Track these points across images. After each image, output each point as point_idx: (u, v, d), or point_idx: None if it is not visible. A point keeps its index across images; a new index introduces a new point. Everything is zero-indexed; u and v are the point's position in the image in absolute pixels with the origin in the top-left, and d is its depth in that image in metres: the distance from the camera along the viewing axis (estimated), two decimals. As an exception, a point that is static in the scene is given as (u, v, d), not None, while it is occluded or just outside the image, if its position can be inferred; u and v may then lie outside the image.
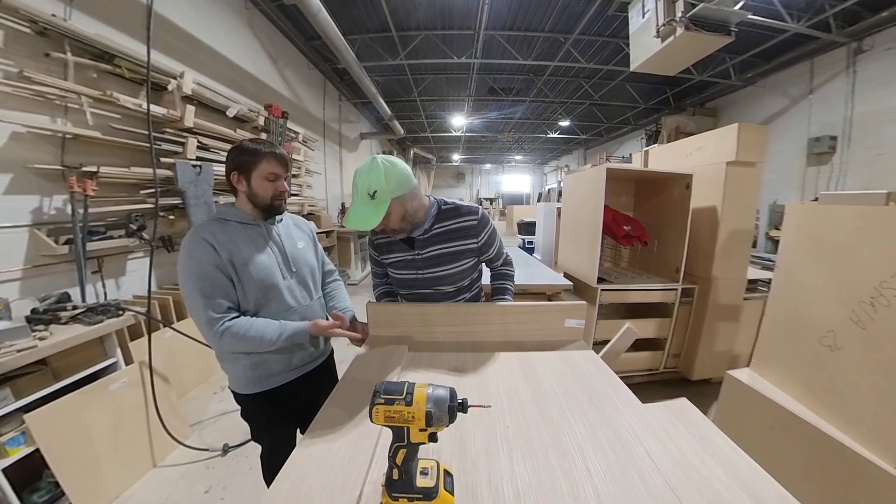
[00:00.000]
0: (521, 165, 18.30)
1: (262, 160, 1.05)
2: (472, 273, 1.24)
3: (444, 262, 1.16)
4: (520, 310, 1.17)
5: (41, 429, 1.45)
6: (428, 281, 1.18)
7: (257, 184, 1.06)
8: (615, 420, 0.76)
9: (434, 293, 1.21)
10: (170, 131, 2.72)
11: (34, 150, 1.98)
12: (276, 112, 4.14)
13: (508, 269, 1.34)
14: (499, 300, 1.28)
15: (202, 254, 0.98)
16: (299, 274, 1.17)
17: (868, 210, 1.17)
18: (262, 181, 1.06)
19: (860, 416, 1.15)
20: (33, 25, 1.91)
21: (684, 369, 2.66)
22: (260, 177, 1.05)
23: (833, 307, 1.26)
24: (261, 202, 1.08)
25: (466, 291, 1.25)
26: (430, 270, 1.17)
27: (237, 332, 0.99)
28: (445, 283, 1.19)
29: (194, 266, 0.97)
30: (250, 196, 1.07)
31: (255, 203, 1.08)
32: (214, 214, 1.08)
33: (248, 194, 1.07)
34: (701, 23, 2.88)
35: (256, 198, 1.07)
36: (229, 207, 1.10)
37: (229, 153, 1.06)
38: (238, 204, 1.10)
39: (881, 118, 4.37)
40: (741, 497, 0.57)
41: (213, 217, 1.07)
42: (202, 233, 1.00)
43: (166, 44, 2.95)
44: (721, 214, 2.36)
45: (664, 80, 6.59)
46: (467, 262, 1.18)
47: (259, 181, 1.06)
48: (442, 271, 1.17)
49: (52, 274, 2.07)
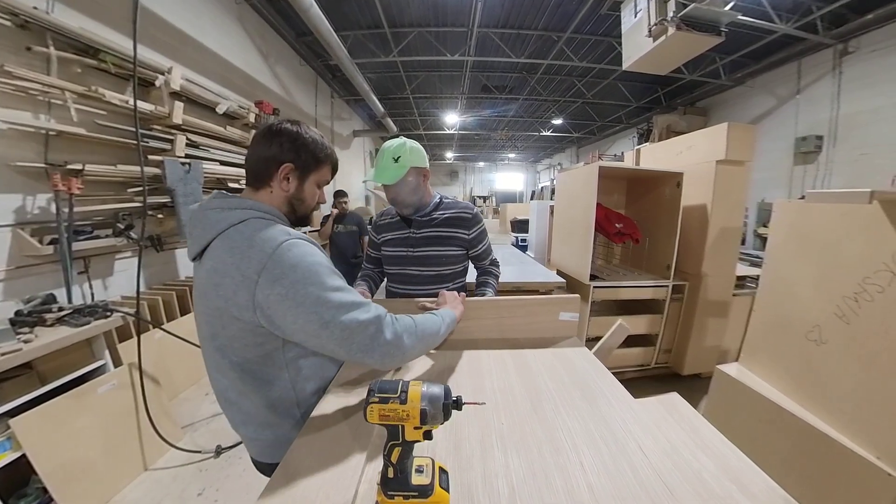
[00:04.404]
0: (514, 163, 18.34)
1: (326, 165, 0.86)
2: (458, 264, 1.34)
3: (434, 244, 1.29)
4: (514, 304, 1.18)
5: (27, 434, 1.42)
6: (417, 259, 1.30)
7: (310, 189, 0.85)
8: (608, 415, 0.77)
9: (419, 274, 1.31)
10: (158, 128, 2.66)
11: (16, 148, 1.92)
12: (267, 109, 4.08)
13: (494, 269, 1.43)
14: (480, 291, 1.34)
15: (315, 250, 0.73)
16: None
17: (852, 208, 1.20)
18: (314, 187, 0.86)
19: (844, 407, 1.19)
20: (14, 18, 1.86)
21: (675, 365, 2.70)
22: (315, 181, 0.86)
23: (819, 303, 1.30)
24: (303, 210, 0.87)
25: (449, 282, 1.34)
26: (421, 249, 1.29)
27: (409, 326, 0.77)
28: (432, 263, 1.30)
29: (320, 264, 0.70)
30: (294, 200, 0.83)
31: (296, 209, 0.86)
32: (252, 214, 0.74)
33: (293, 197, 0.83)
34: (692, 23, 2.91)
35: (302, 204, 0.85)
36: (265, 205, 0.79)
37: (279, 136, 0.79)
38: (266, 200, 0.81)
39: (865, 118, 4.48)
40: (730, 488, 0.58)
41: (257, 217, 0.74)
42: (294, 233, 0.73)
43: (153, 38, 2.88)
44: (711, 212, 2.40)
45: (656, 80, 6.65)
46: (456, 250, 1.31)
47: (312, 186, 0.86)
48: (431, 251, 1.29)
49: (36, 275, 2.02)
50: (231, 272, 0.67)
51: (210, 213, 0.74)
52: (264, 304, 0.66)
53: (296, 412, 0.81)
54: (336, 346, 0.68)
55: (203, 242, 0.73)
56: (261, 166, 0.80)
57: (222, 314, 0.70)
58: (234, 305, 0.68)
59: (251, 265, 0.65)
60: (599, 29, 5.15)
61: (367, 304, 0.73)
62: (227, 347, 0.73)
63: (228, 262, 0.67)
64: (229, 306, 0.68)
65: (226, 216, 0.72)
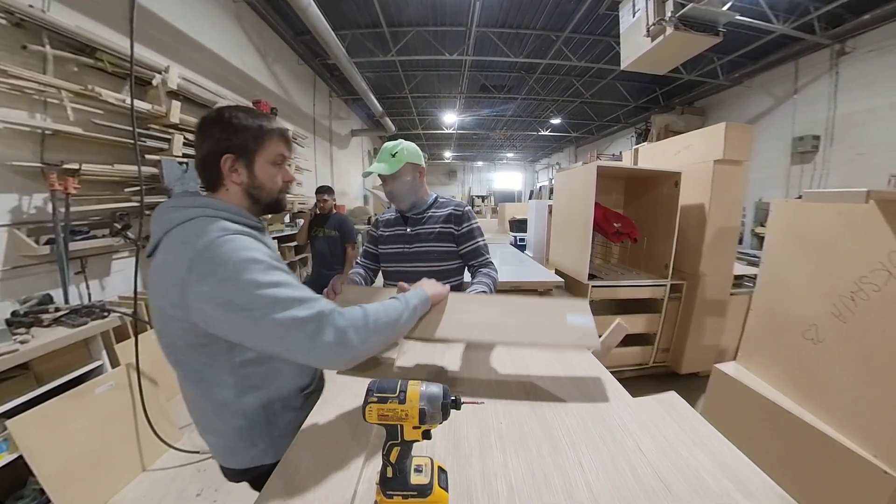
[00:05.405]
0: (512, 163, 18.33)
1: (270, 138, 0.76)
2: (451, 261, 1.37)
3: (428, 240, 1.35)
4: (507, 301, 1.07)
5: (24, 435, 1.41)
6: (412, 255, 1.36)
7: (263, 171, 0.76)
8: (606, 414, 0.78)
9: (414, 271, 1.34)
10: (155, 127, 2.65)
11: (12, 147, 1.91)
12: (265, 108, 4.07)
13: (490, 271, 1.36)
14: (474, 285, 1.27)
15: (252, 244, 0.67)
16: None
17: (849, 207, 1.20)
18: (269, 167, 0.77)
19: (840, 406, 1.20)
20: (9, 17, 1.84)
21: (673, 364, 2.71)
22: (266, 161, 0.76)
23: (815, 302, 1.30)
24: (267, 196, 0.79)
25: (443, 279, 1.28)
26: (416, 245, 1.36)
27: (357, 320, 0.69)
28: (426, 259, 1.35)
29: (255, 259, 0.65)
30: (251, 189, 0.77)
31: (258, 198, 0.78)
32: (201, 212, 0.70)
33: (249, 186, 0.76)
34: (690, 23, 2.92)
35: (262, 191, 0.77)
36: (220, 202, 0.74)
37: (208, 129, 0.74)
38: (226, 199, 0.76)
39: (862, 118, 4.50)
40: (728, 486, 0.59)
41: (206, 215, 0.70)
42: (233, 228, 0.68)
43: (150, 37, 2.87)
44: (709, 212, 2.41)
45: (654, 79, 6.66)
46: (448, 246, 1.36)
47: (265, 167, 0.77)
48: (424, 247, 1.35)
49: (32, 275, 2.01)
50: (166, 270, 0.65)
51: (165, 212, 0.71)
52: (194, 302, 0.63)
53: (239, 422, 0.76)
54: (273, 345, 0.64)
55: (155, 241, 0.71)
56: (204, 168, 0.76)
57: (163, 313, 0.68)
58: (169, 304, 0.66)
59: (182, 263, 0.63)
60: (598, 28, 5.15)
61: (311, 300, 0.67)
62: (173, 346, 0.72)
63: (165, 260, 0.66)
64: (166, 305, 0.66)
65: (177, 215, 0.70)
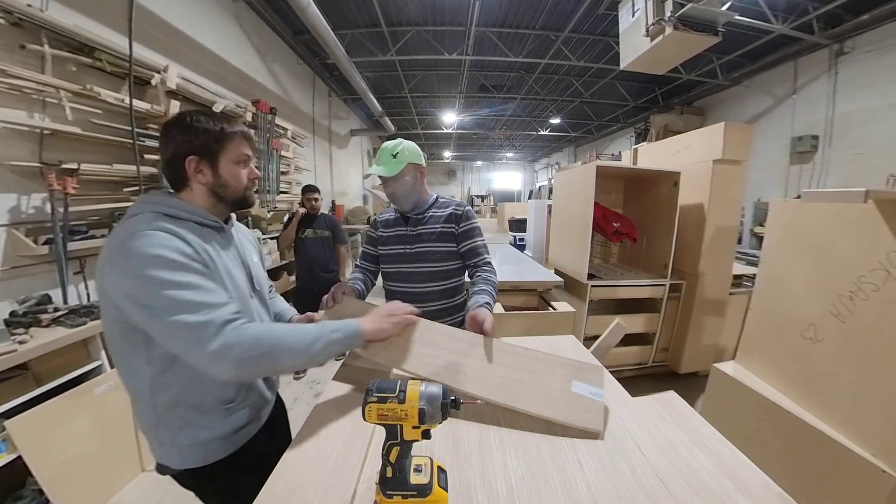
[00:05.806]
0: (512, 163, 18.33)
1: (232, 139, 0.80)
2: (453, 261, 1.35)
3: (429, 240, 1.33)
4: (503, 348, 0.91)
5: (23, 435, 1.41)
6: (414, 256, 1.34)
7: (228, 171, 0.80)
8: (605, 413, 0.78)
9: (415, 271, 1.34)
10: (154, 127, 2.64)
11: (10, 147, 1.90)
12: (264, 108, 4.06)
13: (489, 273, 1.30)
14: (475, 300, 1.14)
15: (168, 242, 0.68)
16: (261, 294, 0.95)
17: (848, 207, 1.21)
18: (233, 167, 0.81)
19: (839, 405, 1.20)
20: (7, 16, 1.84)
21: (672, 363, 2.71)
22: (230, 160, 0.80)
23: (814, 301, 1.30)
24: (233, 194, 0.82)
25: (445, 279, 1.34)
26: (418, 245, 1.33)
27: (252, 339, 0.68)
28: (427, 259, 1.33)
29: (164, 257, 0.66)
30: (216, 188, 0.80)
31: (224, 197, 0.82)
32: (149, 207, 0.73)
33: (214, 186, 0.80)
34: (689, 23, 2.92)
35: (227, 189, 0.81)
36: (174, 199, 0.77)
37: (171, 132, 0.77)
38: (190, 199, 0.79)
39: (861, 118, 4.51)
40: (727, 485, 0.59)
41: (152, 210, 0.73)
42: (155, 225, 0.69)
43: (149, 37, 2.86)
44: (708, 211, 2.41)
45: (653, 79, 6.66)
46: (449, 246, 1.34)
47: (229, 167, 0.80)
48: (426, 247, 1.33)
49: (31, 275, 2.00)
50: (99, 261, 0.71)
51: (129, 209, 0.76)
52: (109, 289, 0.68)
53: (150, 416, 0.78)
54: (168, 343, 0.68)
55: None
56: (169, 169, 0.79)
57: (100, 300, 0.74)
58: (99, 291, 0.72)
59: (104, 252, 0.69)
60: (597, 28, 5.15)
61: (210, 306, 0.67)
62: (106, 332, 0.76)
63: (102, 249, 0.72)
64: (98, 292, 0.73)
65: (130, 210, 0.75)
